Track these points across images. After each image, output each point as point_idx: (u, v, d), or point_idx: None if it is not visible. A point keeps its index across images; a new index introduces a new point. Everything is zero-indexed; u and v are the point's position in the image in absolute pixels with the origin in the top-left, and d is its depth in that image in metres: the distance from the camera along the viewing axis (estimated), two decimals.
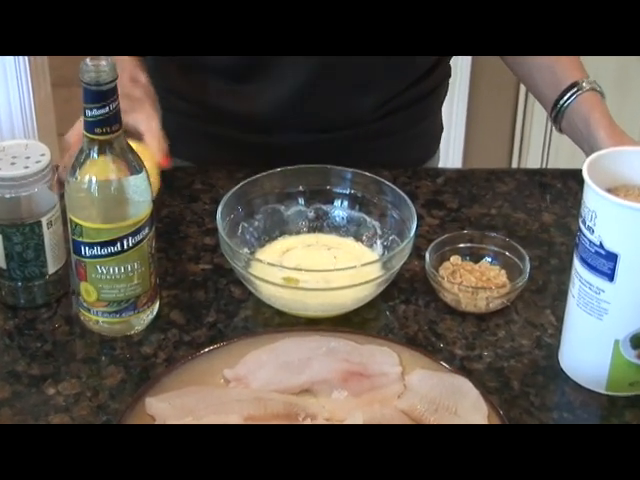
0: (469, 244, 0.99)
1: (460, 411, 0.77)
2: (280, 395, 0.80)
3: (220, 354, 0.84)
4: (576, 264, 0.83)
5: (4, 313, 0.93)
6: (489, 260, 0.98)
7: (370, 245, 1.00)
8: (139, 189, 0.84)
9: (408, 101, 1.16)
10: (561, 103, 1.04)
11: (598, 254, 0.80)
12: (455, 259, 0.98)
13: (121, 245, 0.85)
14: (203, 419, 0.76)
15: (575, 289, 0.83)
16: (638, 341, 0.82)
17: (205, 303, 0.95)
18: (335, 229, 1.02)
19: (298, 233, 1.02)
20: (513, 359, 0.88)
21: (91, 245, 0.84)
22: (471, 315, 0.93)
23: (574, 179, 1.14)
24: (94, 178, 0.83)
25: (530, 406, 0.83)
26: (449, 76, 1.23)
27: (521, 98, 2.28)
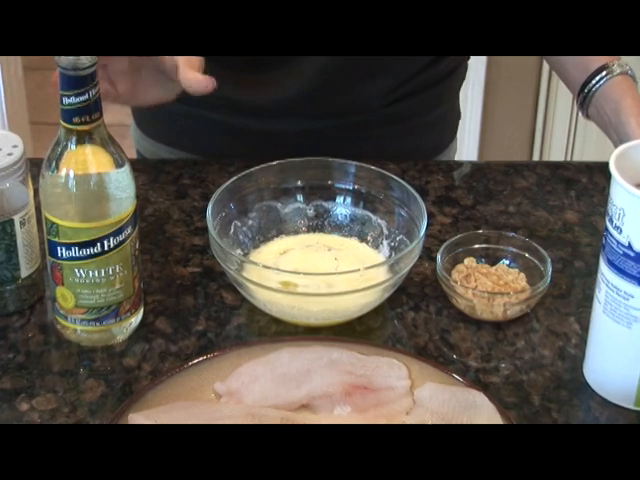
0: (485, 245, 0.99)
1: None
2: (277, 411, 0.80)
3: (210, 366, 0.84)
4: (602, 267, 0.83)
5: None
6: (507, 263, 0.99)
7: (376, 246, 1.01)
8: (121, 184, 0.85)
9: (423, 84, 1.16)
10: (589, 87, 1.05)
11: (626, 256, 0.80)
12: (469, 261, 0.98)
13: (101, 246, 0.85)
14: None
15: (601, 294, 0.84)
16: None
17: (194, 310, 0.95)
18: (337, 228, 1.03)
19: (296, 233, 1.03)
20: (533, 372, 0.89)
21: (68, 246, 0.85)
22: (487, 323, 0.94)
23: (601, 173, 1.15)
24: (72, 172, 0.83)
25: (552, 423, 0.84)
26: (468, 57, 1.23)
27: (544, 82, 2.27)
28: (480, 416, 0.79)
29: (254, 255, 1.00)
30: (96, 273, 0.86)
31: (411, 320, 0.95)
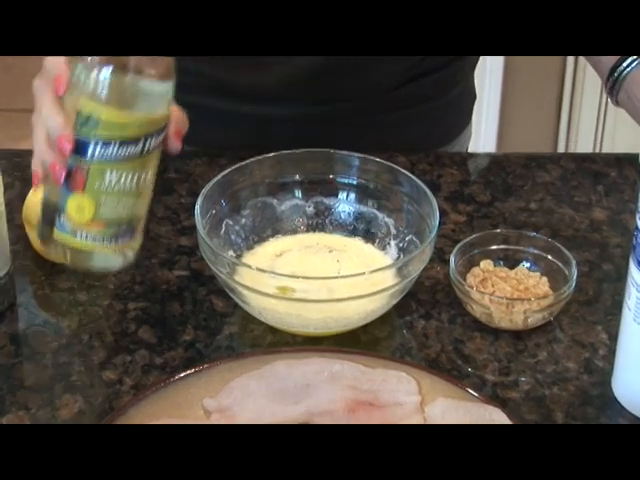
0: (503, 246, 1.00)
1: None
2: None
3: (199, 380, 0.85)
4: (633, 270, 0.84)
5: None
6: (527, 265, 0.99)
7: (382, 247, 1.01)
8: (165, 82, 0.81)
9: (436, 63, 1.17)
10: (620, 70, 1.05)
11: None
12: (486, 264, 0.99)
13: (143, 146, 0.79)
14: None
15: (632, 301, 0.84)
16: None
17: (181, 318, 0.96)
18: (339, 228, 1.03)
19: (294, 232, 1.03)
20: (556, 386, 0.90)
21: (107, 143, 0.79)
22: (505, 333, 0.95)
23: (632, 166, 1.15)
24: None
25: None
26: None
27: (570, 64, 2.27)
28: None
29: (247, 257, 1.00)
30: (129, 178, 0.80)
31: (421, 329, 0.95)
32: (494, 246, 0.99)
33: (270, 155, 1.01)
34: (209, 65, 1.13)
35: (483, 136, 2.33)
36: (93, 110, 0.78)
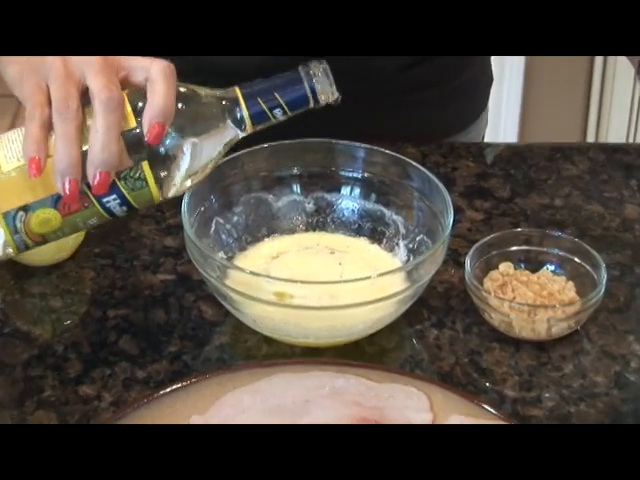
0: (525, 247, 1.00)
1: None
2: None
3: (187, 396, 0.85)
4: None
5: None
6: (552, 269, 0.99)
7: (390, 248, 1.02)
8: None
9: None
10: None
11: None
12: (506, 267, 0.99)
13: None
14: None
15: None
16: None
17: (166, 327, 0.96)
18: (342, 226, 1.03)
19: (292, 232, 1.04)
20: (584, 402, 0.90)
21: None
22: (527, 343, 0.95)
23: None
24: None
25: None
26: None
27: None
28: None
29: (240, 259, 1.00)
30: (95, 222, 0.89)
31: (433, 339, 0.96)
32: (514, 247, 1.00)
33: (265, 146, 1.02)
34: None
35: (503, 124, 2.33)
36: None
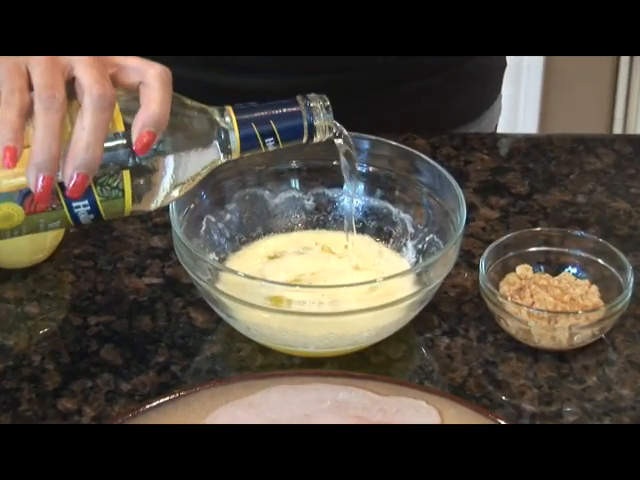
0: (544, 248, 1.00)
1: None
2: None
3: (175, 410, 0.85)
4: None
5: None
6: (574, 272, 1.00)
7: (397, 249, 1.02)
8: None
9: None
10: None
11: None
12: (523, 270, 0.99)
13: None
14: None
15: None
16: None
17: (152, 335, 0.97)
18: (345, 225, 1.04)
19: (290, 231, 1.04)
20: (608, 417, 0.90)
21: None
22: (547, 353, 0.96)
23: None
24: None
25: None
26: None
27: None
28: None
29: (233, 261, 1.01)
30: (58, 225, 0.87)
31: (445, 349, 0.96)
32: (533, 248, 1.00)
33: None
34: None
35: (522, 113, 2.33)
36: None
